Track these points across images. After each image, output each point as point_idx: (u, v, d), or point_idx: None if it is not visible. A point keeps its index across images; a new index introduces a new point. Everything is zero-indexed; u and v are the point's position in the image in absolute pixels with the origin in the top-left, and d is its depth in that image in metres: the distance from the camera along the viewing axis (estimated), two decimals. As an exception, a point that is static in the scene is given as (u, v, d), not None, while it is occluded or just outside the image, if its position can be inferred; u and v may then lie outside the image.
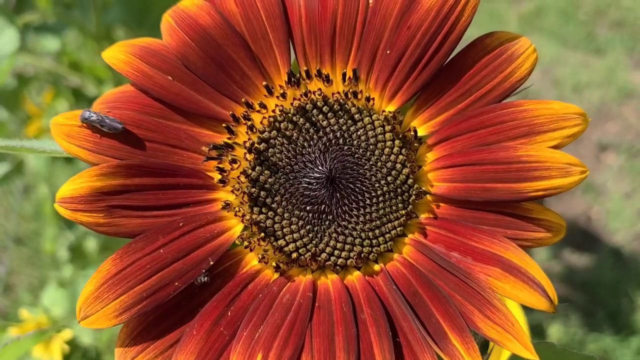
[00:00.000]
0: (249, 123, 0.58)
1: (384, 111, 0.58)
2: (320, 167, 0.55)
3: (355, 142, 0.57)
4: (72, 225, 1.84)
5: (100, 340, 1.54)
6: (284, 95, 0.58)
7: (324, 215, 0.56)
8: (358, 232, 0.56)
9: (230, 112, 0.58)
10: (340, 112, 0.57)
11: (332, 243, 0.56)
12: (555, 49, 3.31)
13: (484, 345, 0.68)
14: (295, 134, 0.57)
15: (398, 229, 0.57)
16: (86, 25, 1.44)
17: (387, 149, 0.57)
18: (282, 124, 0.57)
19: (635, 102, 3.10)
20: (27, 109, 1.80)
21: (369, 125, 0.57)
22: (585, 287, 2.50)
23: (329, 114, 0.57)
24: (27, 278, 2.45)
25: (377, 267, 0.57)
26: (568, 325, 2.36)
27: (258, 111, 0.58)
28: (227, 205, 0.57)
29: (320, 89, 0.58)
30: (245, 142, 0.57)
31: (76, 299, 0.53)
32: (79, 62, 1.56)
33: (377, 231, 0.56)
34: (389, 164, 0.57)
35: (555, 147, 0.53)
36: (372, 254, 0.57)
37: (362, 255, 0.56)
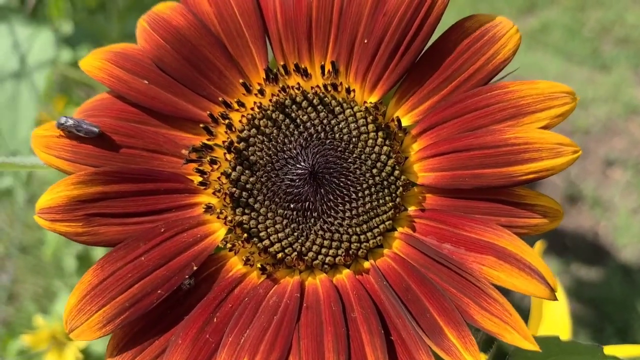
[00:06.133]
0: (227, 122, 0.56)
1: (365, 102, 0.56)
2: (302, 163, 0.54)
3: (337, 135, 0.55)
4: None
5: None
6: (262, 93, 0.57)
7: (308, 213, 0.54)
8: (345, 228, 0.54)
9: (208, 113, 0.57)
10: (320, 106, 0.56)
11: (318, 241, 0.54)
12: (560, 65, 3.30)
13: (490, 341, 0.65)
14: (275, 131, 0.55)
15: (387, 222, 0.55)
16: (108, 32, 1.45)
17: (370, 141, 0.55)
18: (261, 122, 0.56)
19: (641, 118, 3.09)
20: (37, 117, 1.80)
21: (351, 118, 0.55)
22: (594, 302, 2.45)
23: (309, 109, 0.56)
24: (32, 287, 2.45)
25: (367, 264, 0.54)
26: (576, 340, 2.31)
27: (237, 110, 0.57)
28: (209, 209, 0.55)
29: (298, 84, 0.57)
30: (224, 142, 0.56)
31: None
32: None
33: (364, 226, 0.54)
34: (373, 156, 0.55)
35: (545, 127, 0.51)
36: (361, 250, 0.55)
37: (351, 252, 0.54)
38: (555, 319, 0.84)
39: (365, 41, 0.54)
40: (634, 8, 3.57)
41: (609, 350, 0.60)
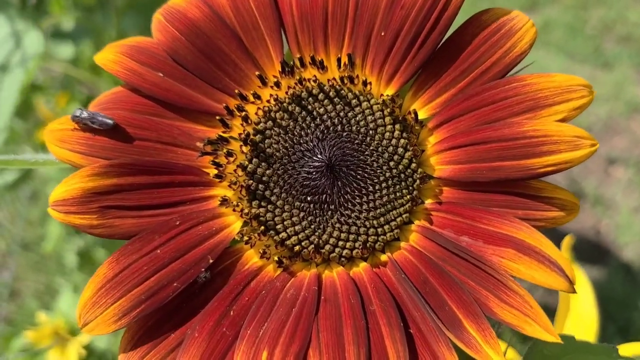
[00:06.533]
0: (243, 115, 0.56)
1: (382, 95, 0.56)
2: (319, 156, 0.53)
3: (354, 128, 0.55)
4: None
5: (115, 344, 1.52)
6: (278, 85, 0.57)
7: (325, 205, 0.54)
8: (362, 221, 0.54)
9: (224, 105, 0.56)
10: (336, 99, 0.56)
11: (335, 234, 0.54)
12: (562, 63, 3.28)
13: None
14: (291, 124, 0.55)
15: (404, 215, 0.55)
16: (107, 30, 1.45)
17: (387, 134, 0.55)
18: (277, 114, 0.55)
19: (643, 117, 3.09)
20: (39, 114, 1.79)
21: (367, 110, 0.55)
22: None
23: (325, 101, 0.55)
24: (33, 284, 2.44)
25: (384, 257, 0.54)
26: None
27: (252, 102, 0.57)
28: (224, 201, 0.55)
29: (315, 76, 0.57)
30: (240, 134, 0.55)
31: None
32: (97, 66, 1.57)
33: (382, 219, 0.54)
34: (390, 149, 0.55)
35: (562, 120, 0.51)
36: (378, 243, 0.54)
37: (368, 244, 0.54)
38: (582, 313, 0.83)
39: (382, 34, 0.54)
40: (636, 6, 3.56)
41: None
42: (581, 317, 0.83)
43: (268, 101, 0.56)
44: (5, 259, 2.48)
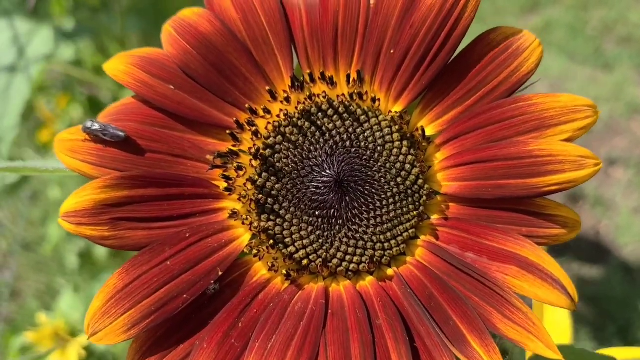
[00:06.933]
0: (254, 129, 0.57)
1: (390, 112, 0.57)
2: (327, 171, 0.54)
3: (362, 144, 0.56)
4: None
5: (116, 346, 1.53)
6: (288, 100, 0.58)
7: (333, 220, 0.54)
8: (369, 236, 0.55)
9: (234, 119, 0.57)
10: (345, 115, 0.56)
11: (343, 248, 0.55)
12: (563, 64, 3.28)
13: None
14: (300, 139, 0.56)
15: (410, 231, 0.56)
16: (112, 29, 1.46)
17: (395, 150, 0.56)
18: (286, 129, 0.56)
19: (644, 118, 3.09)
20: (40, 115, 1.79)
21: (376, 127, 0.56)
22: (595, 301, 2.45)
23: (334, 117, 0.56)
24: (34, 284, 2.45)
25: (390, 272, 0.55)
26: (577, 339, 2.32)
27: (262, 117, 0.58)
28: (234, 214, 0.56)
29: (324, 92, 0.57)
30: (250, 148, 0.56)
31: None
32: (100, 67, 1.59)
33: (388, 234, 0.55)
34: (397, 165, 0.55)
35: (567, 140, 0.52)
36: (385, 257, 0.55)
37: (375, 259, 0.55)
38: (556, 320, 0.85)
39: (392, 52, 0.55)
40: (637, 7, 3.56)
41: (609, 352, 0.61)
42: (555, 325, 0.84)
43: (278, 116, 0.57)
44: (7, 258, 2.49)
